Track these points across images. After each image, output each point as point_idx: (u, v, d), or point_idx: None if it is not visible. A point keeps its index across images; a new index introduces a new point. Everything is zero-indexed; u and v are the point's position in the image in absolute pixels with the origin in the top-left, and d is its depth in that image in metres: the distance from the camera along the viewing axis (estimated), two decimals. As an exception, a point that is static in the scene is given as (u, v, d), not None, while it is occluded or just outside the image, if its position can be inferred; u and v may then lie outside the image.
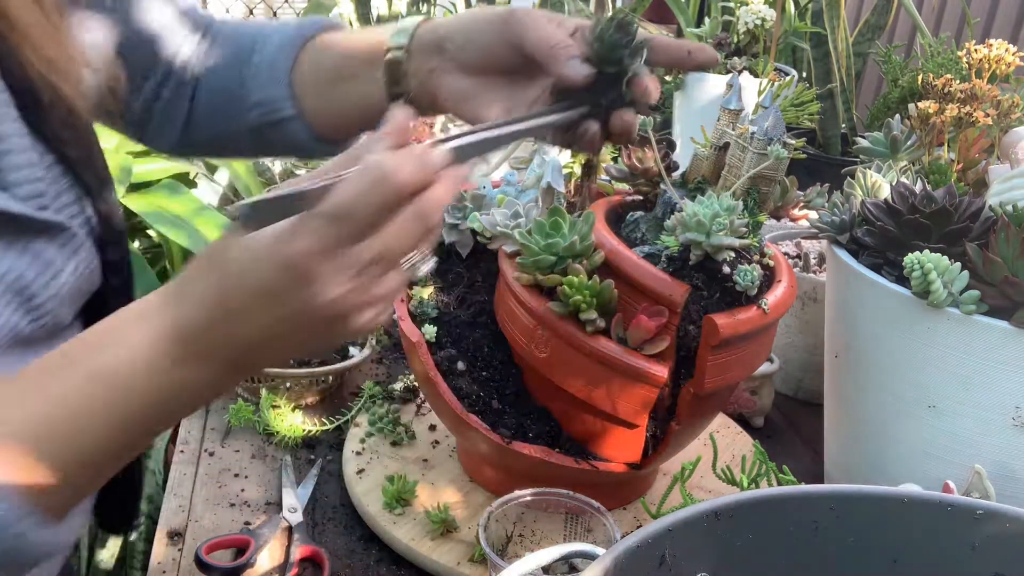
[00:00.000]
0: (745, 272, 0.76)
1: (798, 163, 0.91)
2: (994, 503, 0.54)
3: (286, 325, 0.50)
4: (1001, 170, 0.96)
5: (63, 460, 0.50)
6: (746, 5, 1.70)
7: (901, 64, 1.60)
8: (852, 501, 0.53)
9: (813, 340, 1.11)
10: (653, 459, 0.84)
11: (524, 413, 0.84)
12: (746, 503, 0.52)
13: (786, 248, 1.21)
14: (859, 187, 0.93)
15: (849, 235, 0.87)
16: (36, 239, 0.61)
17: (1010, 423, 0.75)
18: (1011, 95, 1.07)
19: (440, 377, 0.83)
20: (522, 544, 0.80)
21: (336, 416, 1.02)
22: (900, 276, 0.78)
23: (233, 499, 0.91)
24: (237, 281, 0.50)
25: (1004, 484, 0.75)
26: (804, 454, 1.06)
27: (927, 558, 0.53)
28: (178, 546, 0.84)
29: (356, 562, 0.84)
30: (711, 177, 0.86)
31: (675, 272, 0.78)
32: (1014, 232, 0.75)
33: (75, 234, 0.65)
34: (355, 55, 0.75)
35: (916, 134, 1.02)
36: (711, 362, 0.76)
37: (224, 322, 0.50)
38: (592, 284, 0.76)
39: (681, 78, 1.63)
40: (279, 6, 3.55)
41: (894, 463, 0.83)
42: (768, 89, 1.55)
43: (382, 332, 1.17)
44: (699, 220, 0.75)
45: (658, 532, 0.49)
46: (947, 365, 0.76)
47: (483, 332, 0.88)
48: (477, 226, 0.86)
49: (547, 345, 0.79)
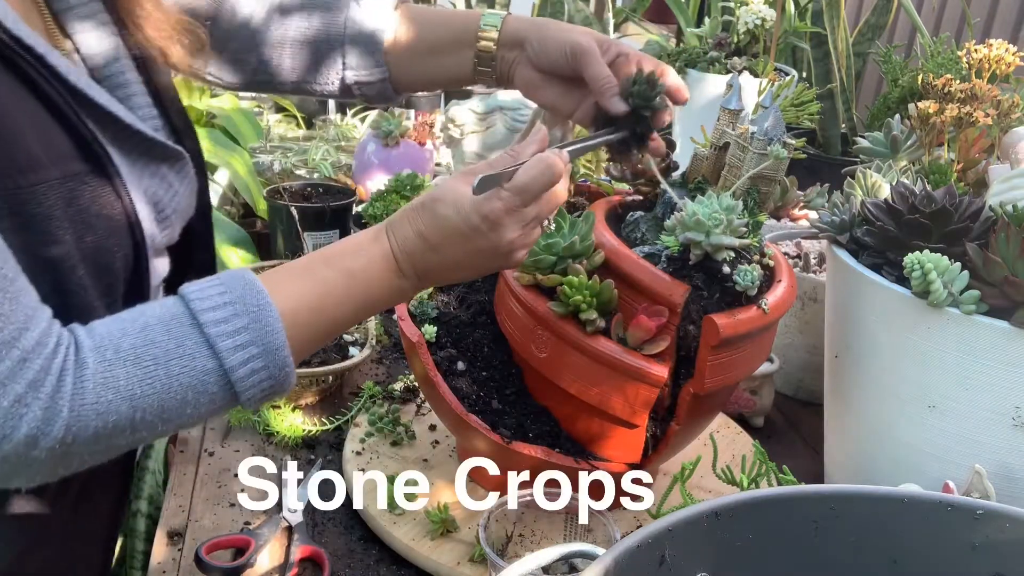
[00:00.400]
0: (745, 272, 0.76)
1: (798, 163, 0.91)
2: (994, 503, 0.54)
3: (472, 257, 0.73)
4: (1001, 170, 0.96)
5: (316, 326, 0.70)
6: (746, 5, 1.70)
7: (901, 64, 1.60)
8: (852, 501, 0.53)
9: (813, 340, 1.11)
10: (653, 459, 0.84)
11: (524, 413, 0.84)
12: (746, 503, 0.52)
13: (786, 248, 1.21)
14: (859, 187, 0.93)
15: (849, 235, 0.87)
16: (161, 164, 0.80)
17: (1010, 423, 0.75)
18: (1011, 95, 1.07)
19: (440, 377, 0.83)
20: (522, 544, 0.80)
21: (336, 416, 1.02)
22: (900, 276, 0.78)
23: (233, 499, 0.91)
24: (443, 224, 0.72)
25: (1004, 484, 0.75)
26: (804, 454, 1.06)
27: (927, 558, 0.53)
28: (178, 546, 0.84)
29: (356, 562, 0.84)
30: (711, 177, 0.86)
31: (675, 272, 0.78)
32: (1014, 232, 0.75)
33: (186, 162, 0.83)
34: (448, 35, 0.94)
35: (916, 134, 1.02)
36: (711, 362, 0.76)
37: (428, 251, 0.72)
38: (592, 284, 0.76)
39: (681, 78, 1.63)
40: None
41: (894, 463, 0.83)
42: (768, 89, 1.55)
43: (382, 332, 1.17)
44: (699, 220, 0.75)
45: (658, 532, 0.49)
46: (947, 365, 0.76)
47: (483, 332, 0.88)
48: (477, 226, 0.86)
49: (547, 345, 0.79)
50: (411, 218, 0.73)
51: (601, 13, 2.25)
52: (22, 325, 0.59)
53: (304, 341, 0.70)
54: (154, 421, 0.63)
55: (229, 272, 0.68)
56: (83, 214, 0.70)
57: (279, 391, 0.69)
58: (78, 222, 0.69)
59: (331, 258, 0.72)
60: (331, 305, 0.71)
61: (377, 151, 1.60)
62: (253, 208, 1.56)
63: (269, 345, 0.66)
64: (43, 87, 0.68)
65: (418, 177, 1.42)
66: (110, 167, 0.72)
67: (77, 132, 0.70)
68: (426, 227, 0.72)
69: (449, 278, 0.78)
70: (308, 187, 1.42)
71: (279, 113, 1.98)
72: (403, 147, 1.60)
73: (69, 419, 0.59)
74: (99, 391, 0.60)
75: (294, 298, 0.69)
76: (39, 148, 0.66)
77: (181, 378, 0.63)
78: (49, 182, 0.67)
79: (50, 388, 0.59)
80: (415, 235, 0.73)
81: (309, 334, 0.70)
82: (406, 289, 0.74)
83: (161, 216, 0.80)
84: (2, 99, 0.64)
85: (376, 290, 0.72)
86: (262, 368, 0.66)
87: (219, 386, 0.65)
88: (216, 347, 0.64)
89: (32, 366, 0.59)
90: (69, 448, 0.60)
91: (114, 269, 0.74)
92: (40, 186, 0.66)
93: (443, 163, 1.74)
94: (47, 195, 0.67)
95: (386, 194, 1.36)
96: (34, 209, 0.66)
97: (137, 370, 0.62)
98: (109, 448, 0.63)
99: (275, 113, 1.98)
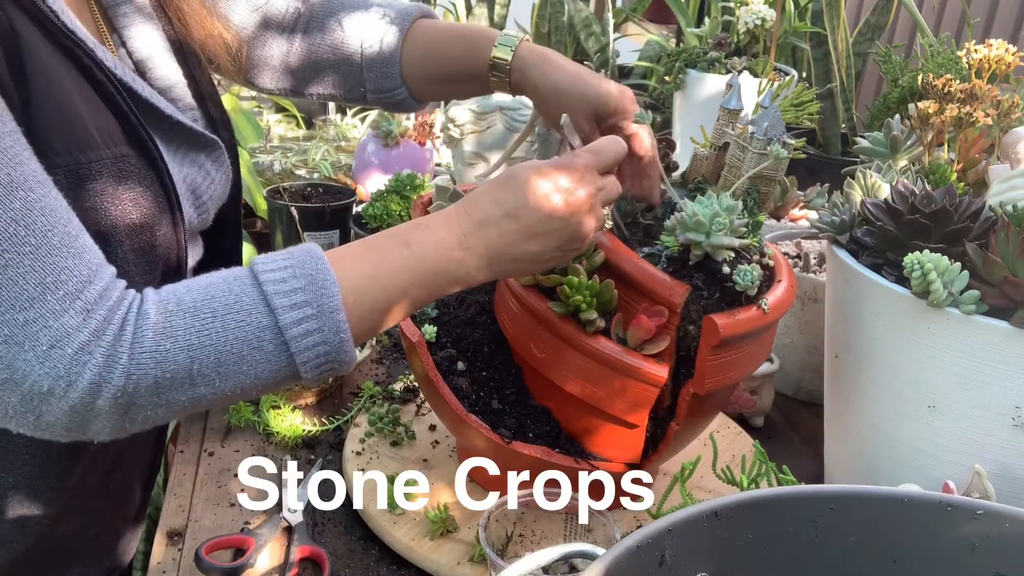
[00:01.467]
0: (745, 272, 0.76)
1: (798, 163, 0.91)
2: (994, 503, 0.54)
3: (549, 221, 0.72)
4: (1001, 170, 0.96)
5: (373, 295, 0.70)
6: (746, 5, 1.70)
7: (901, 64, 1.60)
8: (852, 501, 0.53)
9: (813, 340, 1.11)
10: (653, 459, 0.84)
11: (524, 413, 0.84)
12: (746, 503, 0.52)
13: (786, 248, 1.21)
14: (859, 187, 0.93)
15: (849, 235, 0.87)
16: (199, 153, 0.87)
17: (1010, 423, 0.75)
18: (1011, 95, 1.07)
19: (440, 377, 0.83)
20: (522, 544, 0.80)
21: (336, 416, 1.02)
22: (900, 276, 0.78)
23: (233, 499, 0.91)
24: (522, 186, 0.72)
25: (1004, 484, 0.75)
26: (804, 454, 1.06)
27: (927, 558, 0.53)
28: (178, 546, 0.84)
29: (356, 562, 0.84)
30: (711, 177, 0.86)
31: (675, 272, 0.78)
32: (1014, 232, 0.75)
33: (221, 151, 0.90)
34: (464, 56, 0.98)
35: (916, 134, 1.02)
36: (711, 362, 0.76)
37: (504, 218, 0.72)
38: (592, 284, 0.76)
39: (681, 78, 1.63)
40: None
41: (894, 463, 0.83)
42: (768, 89, 1.55)
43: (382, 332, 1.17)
44: (699, 220, 0.75)
45: (658, 532, 0.49)
46: (947, 365, 0.76)
47: (483, 332, 0.88)
48: (477, 226, 0.86)
49: (547, 345, 0.79)
50: (486, 190, 0.74)
51: (601, 13, 2.25)
52: (86, 279, 0.62)
53: (363, 309, 0.69)
54: (211, 376, 0.64)
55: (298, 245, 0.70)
56: (130, 192, 0.76)
57: (335, 359, 0.68)
58: (126, 200, 0.75)
59: (395, 232, 0.73)
60: (386, 273, 0.70)
61: (377, 151, 1.60)
62: (253, 208, 1.56)
63: (324, 307, 0.66)
64: (96, 75, 0.74)
65: (418, 177, 1.42)
66: (155, 151, 0.78)
67: (126, 118, 0.76)
68: (503, 194, 0.72)
69: (521, 251, 0.73)
70: (308, 187, 1.42)
71: (279, 113, 1.98)
72: (403, 147, 1.60)
73: (129, 366, 0.61)
74: (158, 339, 0.63)
75: (352, 267, 0.69)
76: (93, 129, 0.73)
77: (237, 332, 0.64)
78: (102, 160, 0.73)
79: (111, 336, 0.62)
80: (491, 201, 0.72)
81: (368, 303, 0.69)
82: (469, 265, 0.72)
83: (199, 202, 0.87)
84: (65, 84, 0.71)
85: (432, 262, 0.71)
86: (316, 330, 0.66)
87: (274, 344, 0.65)
88: (272, 303, 0.65)
89: (95, 316, 0.61)
90: (132, 398, 0.62)
91: (155, 247, 0.79)
92: (95, 163, 0.72)
93: (443, 163, 1.74)
94: (100, 172, 0.73)
95: (386, 194, 1.36)
96: (89, 184, 0.72)
97: (195, 321, 0.64)
98: (171, 404, 0.64)
99: (275, 113, 1.98)
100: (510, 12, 2.29)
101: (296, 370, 0.67)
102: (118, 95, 0.76)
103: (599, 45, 2.03)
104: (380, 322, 0.72)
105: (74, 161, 0.71)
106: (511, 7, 2.28)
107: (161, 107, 0.82)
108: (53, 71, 0.70)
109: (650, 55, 2.02)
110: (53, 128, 0.69)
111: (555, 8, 2.14)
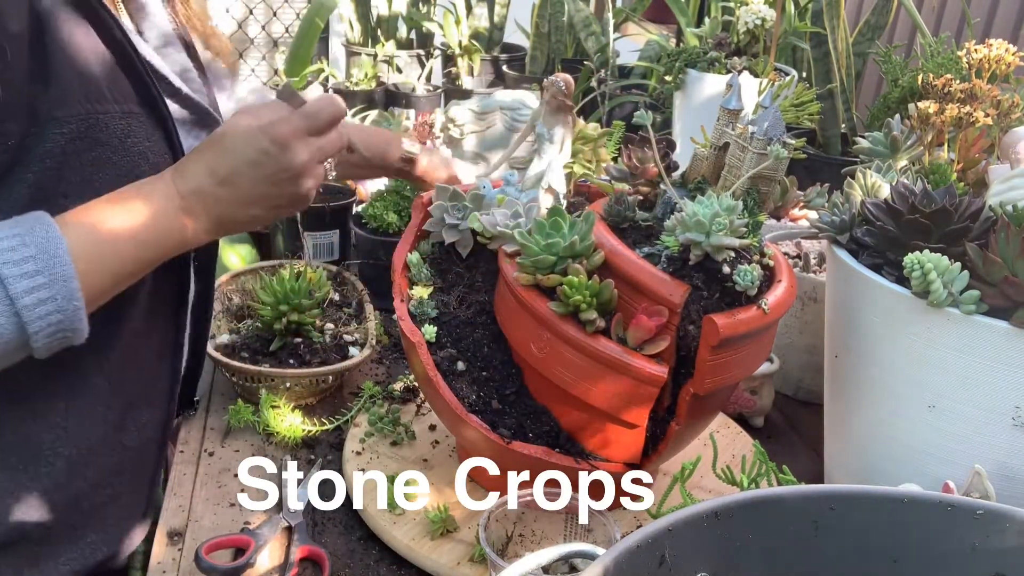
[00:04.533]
0: (745, 272, 0.76)
1: (798, 163, 0.91)
2: (994, 503, 0.54)
3: (263, 185, 0.78)
4: (1001, 170, 0.96)
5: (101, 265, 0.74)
6: (746, 5, 1.70)
7: (901, 64, 1.59)
8: (852, 501, 0.53)
9: (813, 340, 1.11)
10: (653, 459, 0.84)
11: (524, 413, 0.84)
12: (746, 503, 0.52)
13: (786, 248, 1.21)
14: (859, 187, 0.93)
15: (849, 235, 0.87)
16: (203, 130, 0.92)
17: (1010, 423, 0.75)
18: (1011, 95, 1.07)
19: (440, 377, 0.83)
20: (522, 544, 0.80)
21: (336, 416, 1.02)
22: (900, 276, 0.78)
23: (233, 499, 0.91)
24: (233, 154, 0.77)
25: (1004, 484, 0.75)
26: (804, 454, 1.06)
27: (927, 558, 0.53)
28: (178, 546, 0.84)
29: (356, 562, 0.84)
30: (711, 177, 0.86)
31: (675, 272, 0.78)
32: (1014, 232, 0.75)
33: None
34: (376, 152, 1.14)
35: (916, 134, 1.02)
36: (711, 362, 0.76)
37: (218, 185, 0.77)
38: (592, 284, 0.76)
39: (681, 78, 1.63)
40: (279, 6, 3.55)
41: (894, 463, 0.83)
42: (768, 89, 1.55)
43: (382, 332, 1.17)
44: (699, 220, 0.75)
45: (658, 532, 0.49)
46: (947, 365, 0.76)
47: (483, 332, 0.88)
48: (477, 226, 0.86)
49: (547, 345, 0.79)
50: (198, 156, 0.79)
51: (601, 13, 2.25)
52: None
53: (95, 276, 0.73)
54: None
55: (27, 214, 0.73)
56: (138, 147, 0.81)
57: (69, 327, 0.71)
58: (134, 153, 0.80)
59: (118, 197, 0.76)
60: (114, 240, 0.74)
61: (377, 151, 1.59)
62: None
63: (57, 275, 0.69)
64: (115, 34, 0.78)
65: (418, 177, 1.41)
66: (164, 111, 0.83)
67: (140, 78, 0.81)
68: (214, 160, 0.77)
69: (244, 216, 0.80)
70: (308, 187, 1.42)
71: (279, 113, 1.98)
72: (403, 147, 1.59)
73: None
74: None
75: (81, 234, 0.73)
76: (105, 85, 0.77)
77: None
78: (110, 114, 0.78)
79: None
80: (204, 171, 0.77)
81: (98, 268, 0.73)
82: (195, 228, 0.78)
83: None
84: (80, 40, 0.76)
85: (157, 229, 0.76)
86: (50, 299, 0.69)
87: (5, 316, 0.68)
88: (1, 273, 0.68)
89: None
90: None
91: None
92: (103, 115, 0.77)
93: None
94: (108, 125, 0.78)
95: (386, 194, 1.36)
96: (97, 133, 0.77)
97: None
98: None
99: (275, 113, 1.98)
100: (510, 12, 2.29)
101: (27, 339, 0.69)
102: (135, 55, 0.80)
103: (599, 45, 2.03)
104: (111, 287, 0.76)
105: (85, 111, 0.75)
106: (511, 7, 2.28)
107: (171, 77, 0.87)
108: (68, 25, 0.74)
109: (650, 55, 2.02)
110: (69, 79, 0.74)
111: (555, 8, 2.14)
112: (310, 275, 1.12)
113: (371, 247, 1.30)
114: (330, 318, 1.15)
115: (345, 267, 1.28)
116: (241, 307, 1.17)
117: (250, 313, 1.14)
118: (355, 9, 2.23)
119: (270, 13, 3.54)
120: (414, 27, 2.28)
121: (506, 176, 0.92)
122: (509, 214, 0.85)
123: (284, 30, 3.50)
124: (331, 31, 2.93)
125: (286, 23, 3.52)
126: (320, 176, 0.82)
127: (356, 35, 2.26)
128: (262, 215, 0.81)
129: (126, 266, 0.76)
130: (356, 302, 1.20)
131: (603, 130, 1.08)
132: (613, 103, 1.91)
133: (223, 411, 1.03)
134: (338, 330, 1.13)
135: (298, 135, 0.78)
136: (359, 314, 1.18)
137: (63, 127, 0.75)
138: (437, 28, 2.26)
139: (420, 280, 0.90)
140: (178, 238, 0.78)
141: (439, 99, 2.12)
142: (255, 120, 0.78)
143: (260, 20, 3.51)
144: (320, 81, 2.11)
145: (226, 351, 1.07)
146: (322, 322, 1.13)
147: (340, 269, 1.26)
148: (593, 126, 1.07)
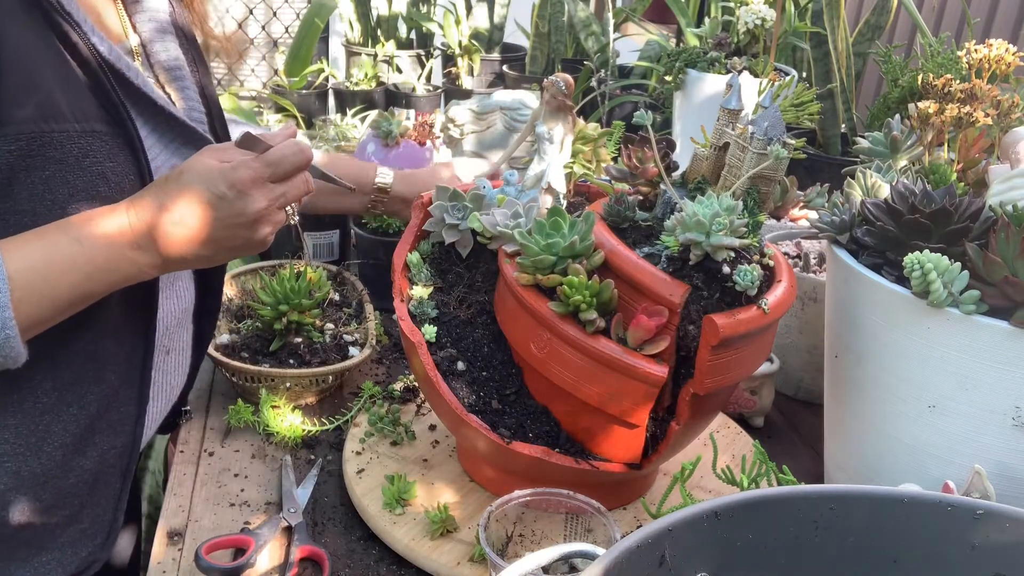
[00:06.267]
0: (745, 272, 0.76)
1: (798, 163, 0.91)
2: (994, 503, 0.54)
3: (216, 228, 0.77)
4: (1001, 170, 0.96)
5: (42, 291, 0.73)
6: (746, 5, 1.70)
7: (901, 64, 1.59)
8: (852, 501, 0.53)
9: (813, 340, 1.11)
10: (653, 459, 0.84)
11: (524, 413, 0.84)
12: (746, 503, 0.52)
13: (786, 248, 1.21)
14: (859, 187, 0.93)
15: (849, 235, 0.87)
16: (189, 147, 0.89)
17: (1010, 423, 0.75)
18: (1011, 95, 1.07)
19: (440, 377, 0.83)
20: (522, 544, 0.80)
21: (336, 416, 1.02)
22: (900, 276, 0.78)
23: (233, 499, 0.91)
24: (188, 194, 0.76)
25: (1004, 484, 0.75)
26: (804, 454, 1.06)
27: (927, 558, 0.53)
28: (178, 546, 0.84)
29: (356, 562, 0.84)
30: (711, 177, 0.86)
31: (675, 272, 0.78)
32: (1014, 232, 0.75)
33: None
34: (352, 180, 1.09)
35: (916, 134, 1.02)
36: (711, 362, 0.76)
37: (171, 224, 0.76)
38: (592, 284, 0.76)
39: (681, 78, 1.63)
40: (279, 6, 3.55)
41: (894, 463, 0.83)
42: (768, 89, 1.54)
43: (382, 332, 1.17)
44: (699, 220, 0.75)
45: (658, 532, 0.49)
46: (947, 365, 0.76)
47: (483, 332, 0.88)
48: (477, 226, 0.86)
49: (547, 345, 0.79)
50: (156, 190, 0.78)
51: (601, 13, 2.26)
52: None
53: (31, 304, 0.72)
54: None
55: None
56: (97, 167, 0.79)
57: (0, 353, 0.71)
58: (92, 173, 0.78)
59: (67, 225, 0.75)
60: (55, 271, 0.73)
61: (377, 151, 1.59)
62: (253, 208, 1.56)
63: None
64: (82, 52, 0.77)
65: (418, 177, 1.41)
66: (133, 131, 0.81)
67: (108, 98, 0.79)
68: (169, 198, 0.76)
69: (194, 255, 0.79)
70: (308, 187, 1.42)
71: (279, 113, 1.98)
72: (403, 147, 1.60)
73: None
74: None
75: (21, 261, 0.72)
76: (64, 103, 0.76)
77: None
78: (67, 132, 0.76)
79: None
80: (157, 207, 0.76)
81: (35, 298, 0.73)
82: (144, 264, 0.77)
83: None
84: (34, 55, 0.74)
85: (103, 261, 0.75)
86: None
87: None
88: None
89: None
90: None
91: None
92: (58, 134, 0.75)
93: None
94: (63, 144, 0.76)
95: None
96: (51, 152, 0.75)
97: None
98: None
99: (275, 113, 1.98)
100: (510, 12, 2.29)
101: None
102: (104, 75, 0.78)
103: (599, 45, 2.03)
104: (49, 316, 0.75)
105: (38, 130, 0.74)
106: (511, 7, 2.28)
107: (150, 94, 0.84)
108: (24, 40, 0.73)
109: (650, 55, 2.02)
110: (16, 95, 0.72)
111: (555, 8, 2.14)
112: (310, 275, 1.12)
113: (371, 247, 1.30)
114: (330, 318, 1.15)
115: (345, 267, 1.28)
116: (241, 307, 1.17)
117: (250, 313, 1.14)
118: (355, 9, 2.23)
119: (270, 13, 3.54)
120: (414, 27, 2.28)
121: (506, 176, 0.92)
122: (509, 214, 0.85)
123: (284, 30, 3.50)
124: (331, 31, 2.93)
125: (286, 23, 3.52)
126: (279, 222, 0.82)
127: (356, 35, 2.26)
128: (214, 256, 0.80)
129: (70, 296, 0.75)
130: (356, 302, 1.20)
131: (603, 130, 1.08)
132: (613, 103, 1.91)
133: (223, 411, 1.03)
134: (338, 330, 1.14)
135: (258, 182, 0.78)
136: (359, 314, 1.18)
137: (11, 144, 0.73)
138: (437, 28, 2.26)
139: (420, 280, 0.90)
140: (126, 272, 0.77)
141: (439, 99, 2.12)
142: (217, 162, 0.77)
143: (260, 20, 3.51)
144: (320, 81, 2.11)
145: (226, 351, 1.07)
146: (322, 322, 1.13)
147: (340, 269, 1.26)
148: (593, 126, 1.07)
